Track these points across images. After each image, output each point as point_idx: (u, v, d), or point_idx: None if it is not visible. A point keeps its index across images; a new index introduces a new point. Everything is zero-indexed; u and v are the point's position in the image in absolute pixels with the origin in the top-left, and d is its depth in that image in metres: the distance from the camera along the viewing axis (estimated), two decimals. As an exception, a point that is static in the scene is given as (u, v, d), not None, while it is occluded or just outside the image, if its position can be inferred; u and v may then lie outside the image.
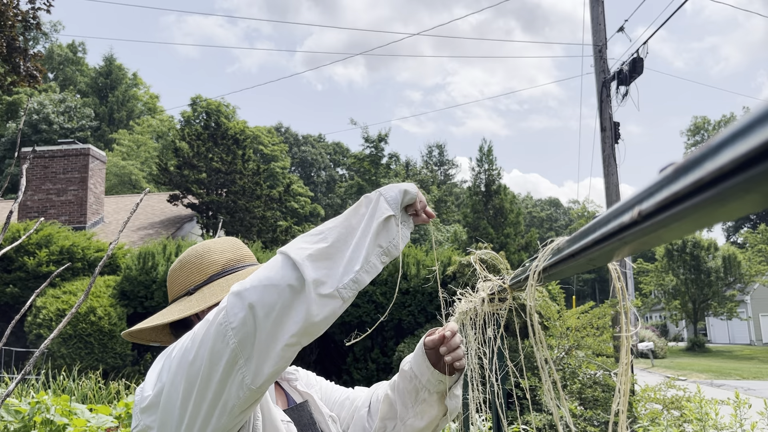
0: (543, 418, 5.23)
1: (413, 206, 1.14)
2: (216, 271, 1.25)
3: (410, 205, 1.13)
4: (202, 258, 1.26)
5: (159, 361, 1.05)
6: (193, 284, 1.24)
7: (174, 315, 1.18)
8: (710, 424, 4.16)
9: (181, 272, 1.26)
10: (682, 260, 34.06)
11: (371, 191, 1.11)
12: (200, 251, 1.28)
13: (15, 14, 11.58)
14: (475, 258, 1.40)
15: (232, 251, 1.29)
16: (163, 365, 1.02)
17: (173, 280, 1.28)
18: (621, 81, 9.88)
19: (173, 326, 1.24)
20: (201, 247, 1.29)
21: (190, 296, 1.22)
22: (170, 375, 0.97)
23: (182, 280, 1.26)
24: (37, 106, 39.05)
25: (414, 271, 9.92)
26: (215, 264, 1.25)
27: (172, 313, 1.19)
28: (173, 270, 1.29)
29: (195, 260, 1.26)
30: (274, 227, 20.56)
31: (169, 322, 1.19)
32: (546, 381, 0.92)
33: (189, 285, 1.24)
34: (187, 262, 1.27)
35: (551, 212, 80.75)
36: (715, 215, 0.35)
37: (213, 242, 1.31)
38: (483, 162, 24.93)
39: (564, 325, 6.00)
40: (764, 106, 0.30)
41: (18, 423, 4.32)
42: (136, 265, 10.21)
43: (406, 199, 1.10)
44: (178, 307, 1.21)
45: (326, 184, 59.99)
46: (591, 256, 0.59)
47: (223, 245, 1.30)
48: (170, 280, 1.29)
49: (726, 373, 19.35)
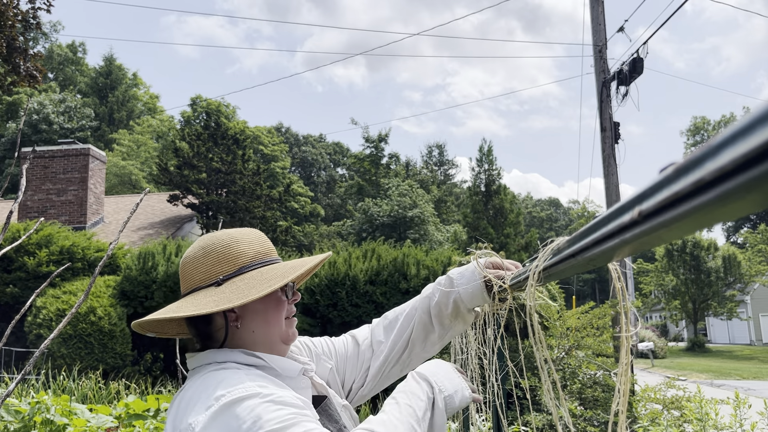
0: (543, 418, 5.23)
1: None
2: (245, 262, 1.18)
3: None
4: (229, 247, 1.18)
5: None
6: (223, 274, 1.16)
7: (209, 306, 1.09)
8: (710, 424, 4.16)
9: (205, 260, 1.17)
10: (682, 260, 34.06)
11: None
12: (227, 240, 1.20)
13: (15, 14, 11.58)
14: (475, 258, 1.39)
15: (260, 243, 1.23)
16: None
17: (195, 266, 1.18)
18: (621, 81, 9.88)
19: (192, 318, 1.16)
20: (226, 236, 1.21)
21: (219, 287, 1.14)
22: None
23: (207, 268, 1.17)
24: (37, 106, 39.06)
25: (414, 271, 9.92)
26: (245, 255, 1.18)
27: (206, 303, 1.10)
28: (194, 257, 1.19)
29: (222, 248, 1.18)
30: (274, 227, 20.57)
31: (203, 314, 1.10)
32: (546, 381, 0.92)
33: (217, 274, 1.16)
34: (213, 250, 1.18)
35: (551, 212, 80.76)
36: (715, 215, 0.35)
37: (238, 232, 1.23)
38: (483, 162, 24.92)
39: (564, 325, 6.00)
40: (764, 107, 0.30)
41: (18, 423, 4.32)
42: (136, 265, 10.21)
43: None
44: (209, 297, 1.12)
45: (326, 184, 59.99)
46: (591, 256, 0.59)
47: (249, 236, 1.23)
48: (191, 267, 1.19)
49: (726, 373, 19.35)
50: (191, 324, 1.18)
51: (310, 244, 42.34)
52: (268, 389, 1.00)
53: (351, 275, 10.09)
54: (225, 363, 1.09)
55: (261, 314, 1.16)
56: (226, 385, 0.99)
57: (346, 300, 10.01)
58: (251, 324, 1.16)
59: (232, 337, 1.15)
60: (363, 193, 41.59)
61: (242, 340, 1.15)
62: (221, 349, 1.13)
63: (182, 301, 1.17)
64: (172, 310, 1.13)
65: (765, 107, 0.29)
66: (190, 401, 1.02)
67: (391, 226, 33.28)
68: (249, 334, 1.15)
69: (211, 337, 1.16)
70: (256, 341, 1.16)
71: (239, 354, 1.12)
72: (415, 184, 37.30)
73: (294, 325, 1.23)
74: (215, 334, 1.16)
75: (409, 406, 1.06)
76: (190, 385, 1.08)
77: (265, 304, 1.16)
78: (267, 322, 1.16)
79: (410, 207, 33.48)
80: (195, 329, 1.18)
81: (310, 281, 10.29)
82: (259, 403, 0.96)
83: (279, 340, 1.19)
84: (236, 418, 0.94)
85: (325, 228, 47.25)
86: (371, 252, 10.61)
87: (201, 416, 0.97)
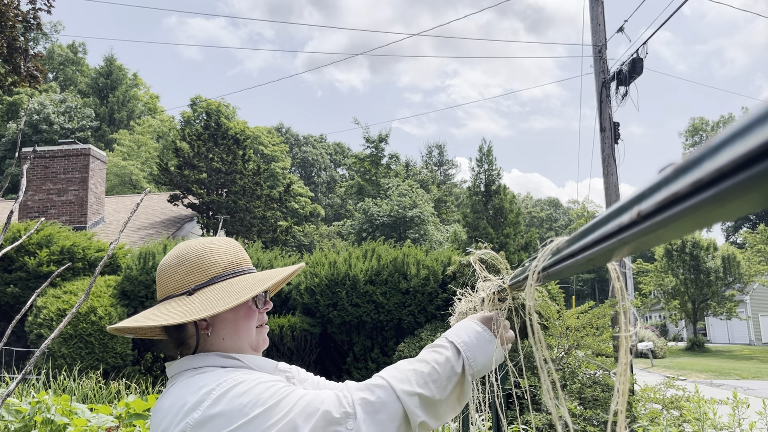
0: (543, 417, 5.23)
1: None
2: (217, 272, 1.21)
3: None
4: (202, 257, 1.21)
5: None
6: (194, 283, 1.19)
7: (177, 317, 1.12)
8: (708, 424, 4.16)
9: (179, 269, 1.21)
10: (681, 260, 34.04)
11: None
12: (200, 250, 1.23)
13: (15, 15, 11.59)
14: (475, 258, 1.40)
15: (233, 253, 1.25)
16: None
17: (169, 275, 1.21)
18: (620, 81, 9.88)
19: (166, 325, 1.19)
20: (200, 245, 1.24)
21: (191, 296, 1.18)
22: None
23: (179, 277, 1.20)
24: (38, 107, 39.04)
25: (414, 271, 9.92)
26: (217, 265, 1.21)
27: (174, 314, 1.14)
28: (169, 265, 1.22)
29: (195, 259, 1.21)
30: (275, 227, 20.56)
31: (171, 324, 1.14)
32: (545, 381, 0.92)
33: (189, 284, 1.19)
34: (186, 260, 1.21)
35: (551, 212, 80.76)
36: (714, 215, 0.35)
37: (212, 241, 1.26)
38: (483, 162, 24.91)
39: (563, 324, 6.00)
40: (763, 107, 0.30)
41: (18, 423, 4.32)
42: (137, 265, 10.22)
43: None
44: (179, 307, 1.16)
45: (327, 185, 59.98)
46: (590, 256, 0.59)
47: (223, 246, 1.25)
48: (165, 276, 1.22)
49: (725, 373, 19.34)
50: (165, 331, 1.22)
51: (310, 244, 42.36)
52: (252, 375, 1.08)
53: (351, 275, 10.09)
54: (202, 368, 1.13)
55: (231, 323, 1.20)
56: (212, 383, 1.04)
57: (346, 300, 10.01)
58: (221, 332, 1.19)
59: (204, 344, 1.19)
60: (363, 193, 41.57)
61: (213, 346, 1.19)
62: (196, 355, 1.17)
63: (154, 308, 1.21)
64: (143, 319, 1.17)
65: (763, 107, 0.30)
66: (171, 407, 1.06)
67: (391, 226, 33.28)
68: (219, 342, 1.19)
69: (184, 343, 1.20)
70: (226, 348, 1.19)
71: (214, 357, 1.15)
72: (415, 184, 37.28)
73: (265, 333, 1.27)
74: (188, 341, 1.20)
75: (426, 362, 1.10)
76: (170, 392, 1.11)
77: (235, 313, 1.20)
78: (237, 331, 1.20)
79: (410, 207, 33.47)
80: (169, 335, 1.22)
81: (311, 281, 10.29)
82: (251, 386, 1.02)
83: (249, 347, 1.22)
84: (234, 402, 1.00)
85: (325, 228, 47.26)
86: (371, 252, 10.62)
87: (196, 414, 1.01)
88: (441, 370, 1.08)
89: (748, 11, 48.99)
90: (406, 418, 1.02)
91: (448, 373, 1.08)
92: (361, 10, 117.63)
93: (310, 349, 10.01)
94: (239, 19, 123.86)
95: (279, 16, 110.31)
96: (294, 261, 11.14)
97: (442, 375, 1.07)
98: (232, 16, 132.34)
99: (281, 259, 11.08)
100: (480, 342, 1.15)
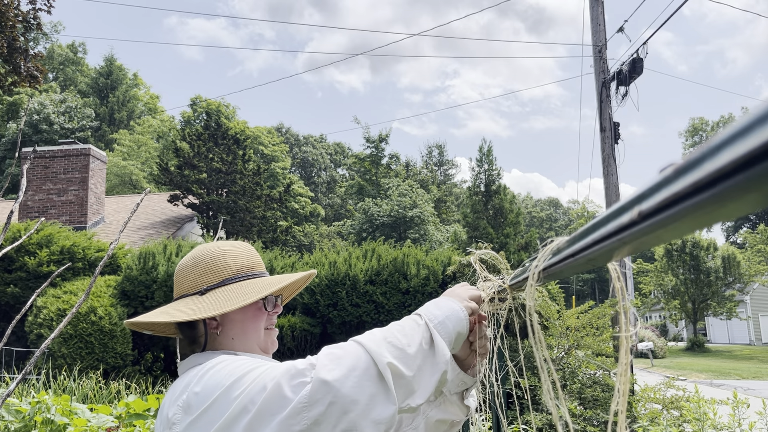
0: (543, 417, 5.23)
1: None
2: (229, 275, 1.26)
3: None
4: (217, 259, 1.28)
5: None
6: (206, 284, 1.25)
7: (186, 315, 1.19)
8: (708, 424, 4.16)
9: (194, 269, 1.27)
10: (681, 260, 34.04)
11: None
12: (216, 252, 1.29)
13: (16, 15, 11.59)
14: (475, 258, 1.40)
15: (247, 257, 1.31)
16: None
17: (185, 275, 1.28)
18: (620, 81, 9.88)
19: (179, 322, 1.26)
20: (216, 248, 1.30)
21: (202, 296, 1.24)
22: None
23: (194, 277, 1.27)
24: (38, 107, 39.05)
25: (414, 271, 9.92)
26: (230, 268, 1.27)
27: (184, 311, 1.21)
28: (186, 266, 1.29)
29: (210, 260, 1.27)
30: (275, 227, 20.57)
31: (180, 321, 1.21)
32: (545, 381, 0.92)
33: (202, 284, 1.25)
34: (201, 261, 1.28)
35: (551, 212, 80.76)
36: (714, 215, 0.35)
37: (228, 245, 1.32)
38: (483, 162, 24.92)
39: (564, 324, 6.00)
40: (763, 107, 0.30)
41: (19, 423, 4.33)
42: (137, 265, 10.22)
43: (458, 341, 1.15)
44: (190, 306, 1.22)
45: (327, 185, 59.98)
46: (590, 256, 0.59)
47: (238, 250, 1.31)
48: (181, 275, 1.29)
49: (725, 373, 19.34)
50: (179, 328, 1.27)
51: (310, 244, 42.34)
52: (241, 358, 1.12)
53: (351, 275, 10.10)
54: (206, 363, 1.17)
55: (239, 324, 1.24)
56: (211, 367, 1.09)
57: (347, 300, 10.01)
58: (230, 332, 1.24)
59: (213, 343, 1.23)
60: (363, 193, 41.56)
61: (222, 345, 1.23)
62: (204, 353, 1.22)
63: (168, 306, 1.27)
64: (156, 315, 1.24)
65: (763, 108, 0.30)
66: (170, 396, 1.13)
67: (391, 226, 33.28)
68: (229, 341, 1.24)
69: (195, 341, 1.25)
70: (235, 348, 1.23)
71: (221, 354, 1.18)
72: (415, 184, 37.29)
73: (274, 335, 1.31)
74: (198, 339, 1.25)
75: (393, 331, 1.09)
76: (176, 384, 1.17)
77: (244, 314, 1.24)
78: (245, 332, 1.24)
79: (410, 207, 33.48)
80: (182, 333, 1.27)
81: (310, 281, 10.28)
82: (230, 362, 1.07)
83: (258, 348, 1.26)
84: (214, 377, 1.05)
85: (326, 228, 47.24)
86: (371, 252, 10.62)
87: (183, 395, 1.07)
88: (403, 323, 1.10)
89: (748, 11, 49.01)
90: (375, 366, 0.99)
91: (410, 324, 1.09)
92: (361, 11, 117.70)
93: (310, 349, 10.01)
94: (240, 19, 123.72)
95: (279, 17, 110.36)
96: (294, 261, 11.14)
97: (404, 326, 1.08)
98: (232, 17, 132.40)
99: (281, 259, 11.08)
100: (438, 302, 1.18)
